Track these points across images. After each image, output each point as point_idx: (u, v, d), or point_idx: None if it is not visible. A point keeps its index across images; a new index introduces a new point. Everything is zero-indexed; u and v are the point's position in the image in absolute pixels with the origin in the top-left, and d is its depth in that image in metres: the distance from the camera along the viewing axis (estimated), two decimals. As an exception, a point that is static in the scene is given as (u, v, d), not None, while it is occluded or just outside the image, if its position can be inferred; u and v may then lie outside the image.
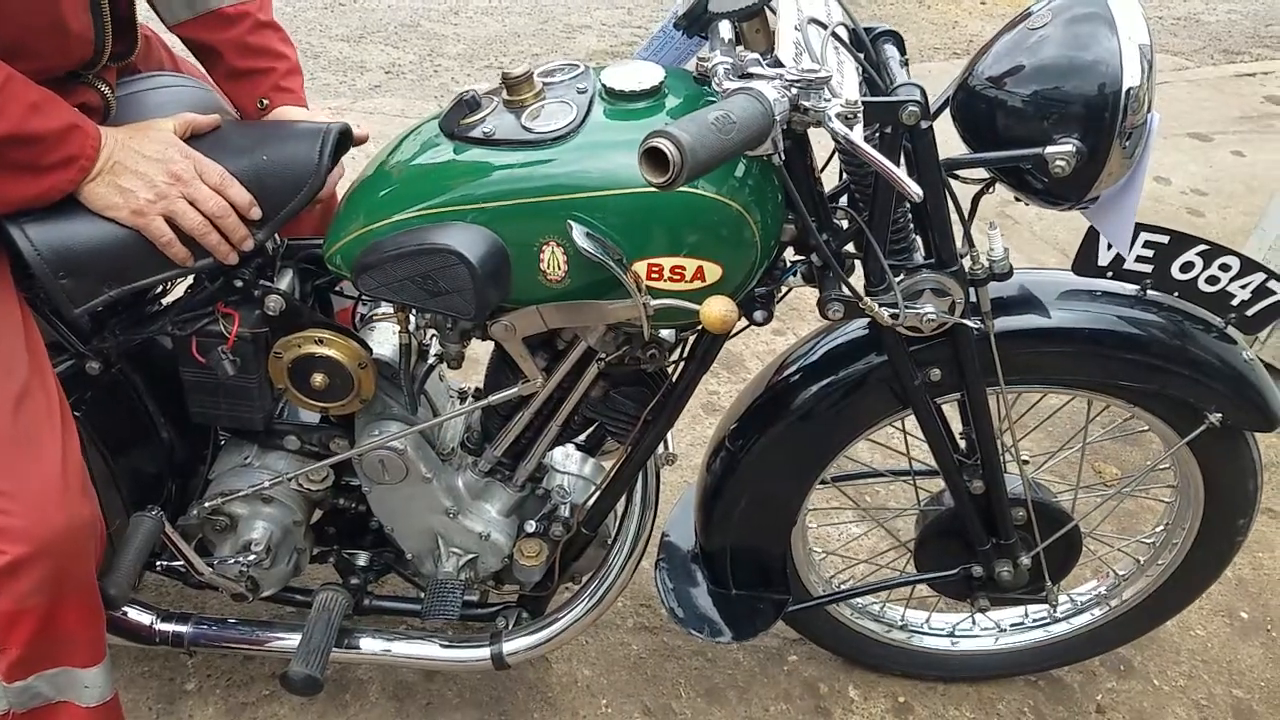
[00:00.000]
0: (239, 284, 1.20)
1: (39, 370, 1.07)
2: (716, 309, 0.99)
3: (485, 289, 1.05)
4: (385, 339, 1.34)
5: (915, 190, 0.83)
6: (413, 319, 1.24)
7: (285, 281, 1.23)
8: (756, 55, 0.96)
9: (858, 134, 0.86)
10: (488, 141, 1.07)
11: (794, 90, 0.85)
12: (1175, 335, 1.22)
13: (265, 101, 1.31)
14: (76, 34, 1.10)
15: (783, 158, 0.95)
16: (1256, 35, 4.74)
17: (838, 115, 0.85)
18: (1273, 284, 1.15)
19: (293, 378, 1.23)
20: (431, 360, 1.34)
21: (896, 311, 1.07)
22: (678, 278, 1.06)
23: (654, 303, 1.06)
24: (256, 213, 1.13)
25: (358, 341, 1.24)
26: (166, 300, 1.29)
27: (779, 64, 0.92)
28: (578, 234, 1.03)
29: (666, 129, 0.76)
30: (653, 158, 0.77)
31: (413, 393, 1.29)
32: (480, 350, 1.25)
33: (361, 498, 1.39)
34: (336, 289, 1.34)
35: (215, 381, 1.23)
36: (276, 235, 1.23)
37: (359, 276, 1.10)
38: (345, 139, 1.21)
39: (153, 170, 1.08)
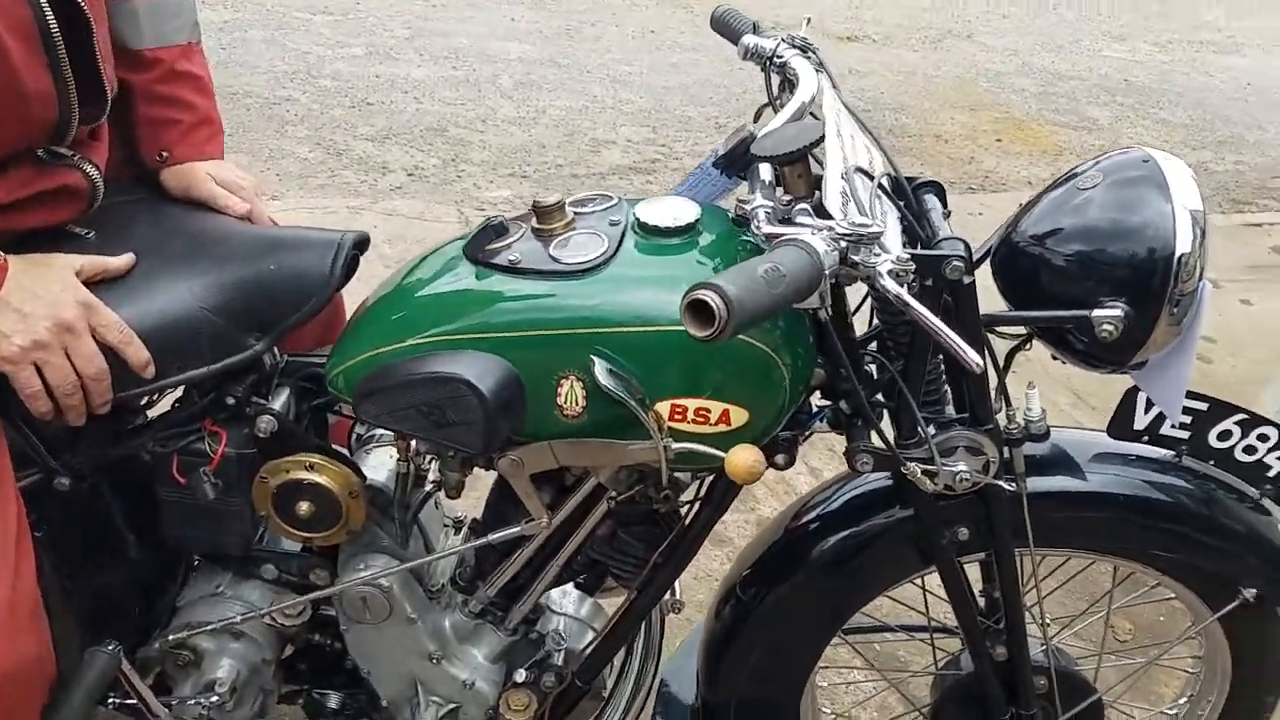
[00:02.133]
0: (231, 401, 1.13)
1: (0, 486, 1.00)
2: (743, 459, 0.93)
3: (495, 422, 0.99)
4: (382, 463, 1.26)
5: (976, 360, 0.78)
6: (413, 448, 1.18)
7: (280, 400, 1.16)
8: (805, 206, 0.93)
9: (908, 293, 0.82)
10: (512, 269, 1.03)
11: (844, 243, 0.82)
12: (1211, 506, 1.18)
13: (165, 154, 1.24)
14: (36, 94, 1.03)
15: (829, 313, 0.91)
16: (1264, 187, 4.82)
17: (889, 273, 0.81)
18: (1312, 456, 1.10)
19: (277, 504, 1.15)
20: (429, 488, 1.27)
21: (934, 471, 1.01)
22: (702, 420, 1.01)
23: (675, 446, 1.01)
24: (151, 372, 1.05)
25: (351, 467, 1.16)
26: (151, 413, 1.23)
27: (825, 213, 0.89)
28: (600, 370, 0.98)
29: (713, 280, 0.73)
30: (697, 310, 0.73)
31: (405, 525, 1.22)
32: (482, 473, 1.19)
33: (338, 635, 1.28)
34: (335, 408, 1.28)
35: (194, 504, 1.14)
36: (275, 349, 1.17)
37: (361, 402, 1.04)
38: (361, 249, 1.17)
39: (39, 313, 0.98)
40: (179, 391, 1.15)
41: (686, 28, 6.19)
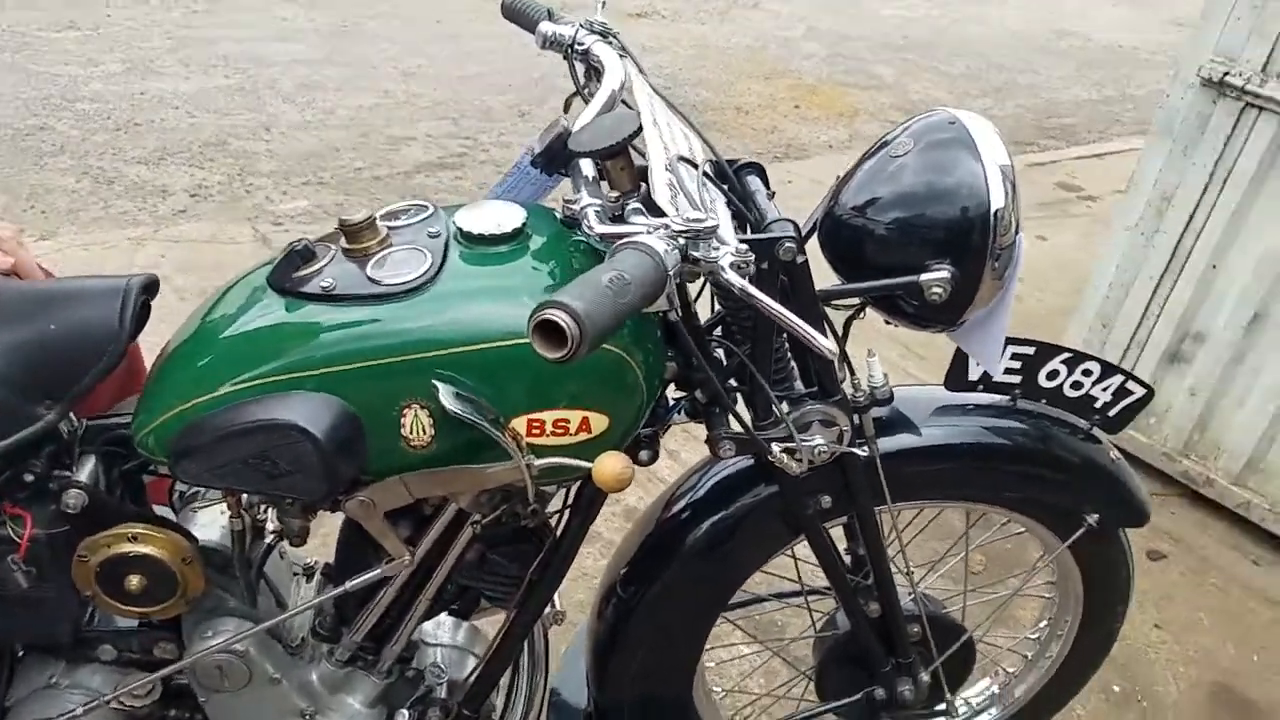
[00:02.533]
0: (29, 478, 1.01)
1: None
2: (610, 468, 0.90)
3: (335, 464, 0.92)
4: (213, 519, 1.16)
5: (830, 348, 0.78)
6: (245, 500, 1.08)
7: (86, 470, 1.04)
8: (638, 205, 0.91)
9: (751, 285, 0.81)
10: (328, 297, 0.96)
11: (682, 240, 0.79)
12: (1048, 442, 1.24)
13: None
14: None
15: (679, 314, 0.88)
16: (1041, 127, 5.24)
17: (731, 265, 0.80)
18: (1131, 385, 1.19)
19: (103, 583, 1.04)
20: (269, 539, 1.17)
21: (795, 450, 1.02)
22: (562, 431, 0.98)
23: (538, 462, 0.97)
24: None
25: (180, 532, 1.06)
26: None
27: (656, 209, 0.86)
28: (445, 395, 0.93)
29: (558, 299, 0.68)
30: (547, 331, 0.69)
31: (251, 583, 1.12)
32: (326, 513, 1.11)
33: (195, 705, 1.18)
34: (150, 469, 1.16)
35: (6, 594, 1.02)
36: (72, 415, 1.05)
37: (178, 462, 0.95)
38: (150, 293, 1.06)
39: None
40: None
41: (475, 15, 6.05)
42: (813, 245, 1.07)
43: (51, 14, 5.37)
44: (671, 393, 1.13)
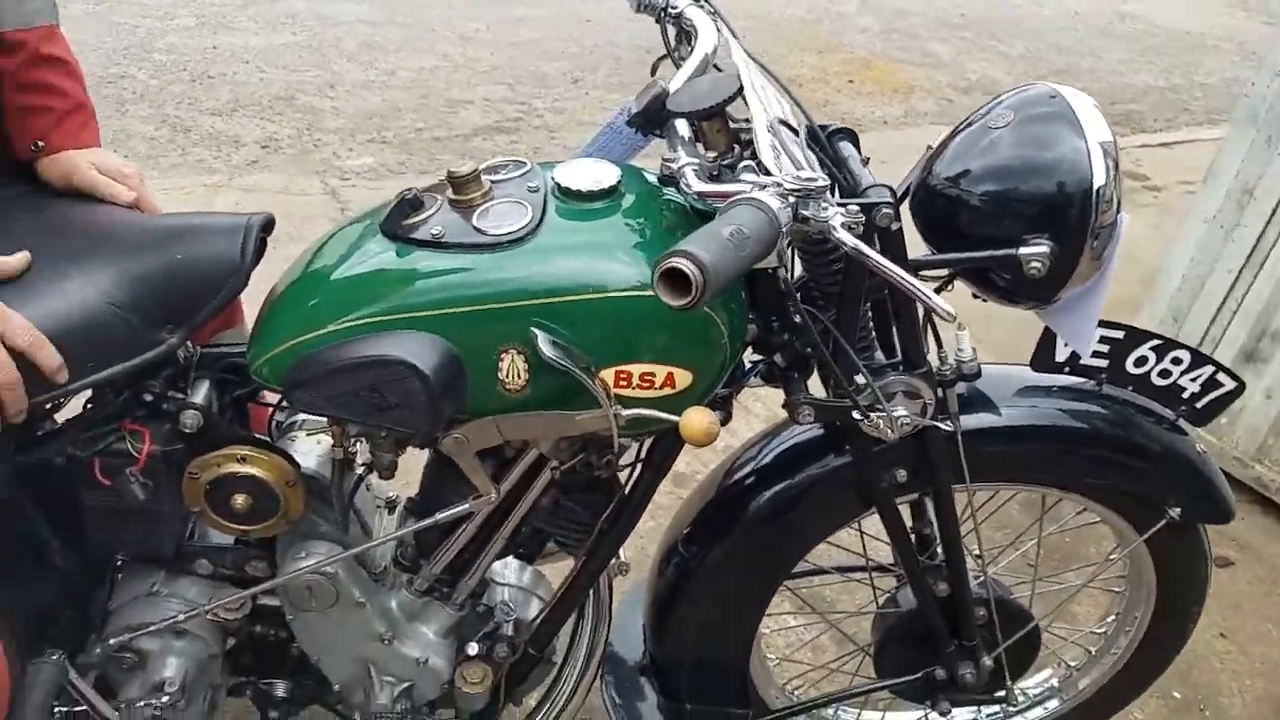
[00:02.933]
0: (148, 398, 1.07)
1: None
2: (698, 421, 0.93)
3: (439, 402, 0.97)
4: (310, 449, 1.22)
5: (948, 308, 0.80)
6: (346, 431, 1.13)
7: (201, 394, 1.10)
8: (749, 163, 0.93)
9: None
10: (436, 244, 1.00)
11: (793, 199, 0.82)
12: (1132, 430, 1.22)
13: (40, 144, 1.17)
14: None
15: (787, 269, 0.91)
16: (1107, 113, 5.14)
17: (843, 224, 0.82)
18: (1221, 376, 1.17)
19: (211, 500, 1.10)
20: (360, 471, 1.23)
21: (885, 416, 1.03)
22: (647, 385, 1.01)
23: (625, 413, 1.00)
24: (64, 376, 0.99)
25: (283, 456, 1.12)
26: (61, 417, 1.14)
27: (764, 169, 0.89)
28: (543, 342, 0.97)
29: (685, 248, 0.71)
30: (672, 279, 0.72)
31: (344, 510, 1.18)
32: (411, 451, 1.15)
33: (281, 623, 1.25)
34: (257, 398, 1.21)
35: (120, 505, 1.09)
36: (189, 342, 1.10)
37: (293, 391, 1.00)
38: (267, 230, 1.11)
39: None
40: (88, 393, 1.07)
41: (529, -19, 6.04)
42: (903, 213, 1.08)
43: (128, -32, 5.46)
44: (750, 356, 1.15)
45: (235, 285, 1.05)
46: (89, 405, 1.11)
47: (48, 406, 1.09)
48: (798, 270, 1.15)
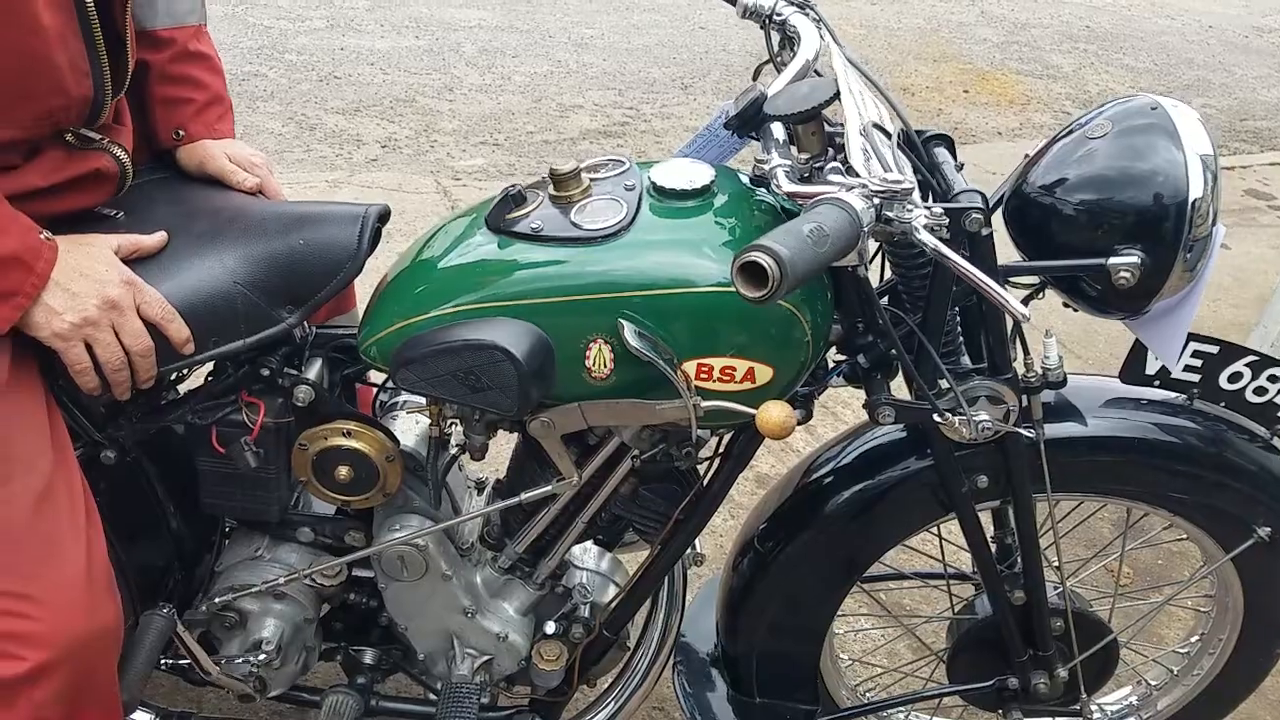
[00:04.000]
0: (265, 373, 1.15)
1: (64, 465, 1.01)
2: (776, 415, 0.95)
3: (529, 386, 1.02)
4: (408, 428, 1.29)
5: (1022, 312, 0.81)
6: (443, 410, 1.20)
7: (314, 371, 1.18)
8: (836, 164, 0.95)
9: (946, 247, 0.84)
10: (535, 237, 1.05)
11: (878, 200, 0.84)
12: (1223, 447, 1.20)
13: (180, 133, 1.25)
14: (72, 69, 1.03)
15: (866, 269, 0.93)
16: (1233, 129, 4.90)
17: (925, 226, 0.84)
18: (1321, 396, 1.14)
19: (316, 470, 1.18)
20: (454, 451, 1.29)
21: (965, 422, 1.04)
22: (727, 378, 1.04)
23: (705, 404, 1.03)
24: (190, 348, 1.07)
25: (385, 433, 1.19)
26: (184, 387, 1.24)
27: (852, 170, 0.91)
28: (629, 333, 1.01)
29: (764, 242, 0.74)
30: (750, 272, 0.75)
31: (437, 486, 1.24)
32: (500, 435, 1.21)
33: (373, 592, 1.33)
34: (363, 378, 1.29)
35: (233, 472, 1.17)
36: (305, 322, 1.18)
37: (398, 371, 1.06)
38: (383, 221, 1.18)
39: (87, 292, 1.00)
40: (209, 365, 1.16)
41: (644, -11, 6.12)
42: (996, 221, 1.08)
43: (267, -29, 5.78)
44: (833, 355, 1.17)
45: (352, 270, 1.12)
46: (209, 377, 1.20)
47: (172, 377, 1.19)
48: (887, 273, 1.17)
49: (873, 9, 6.18)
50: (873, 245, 1.07)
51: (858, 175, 0.89)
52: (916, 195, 0.86)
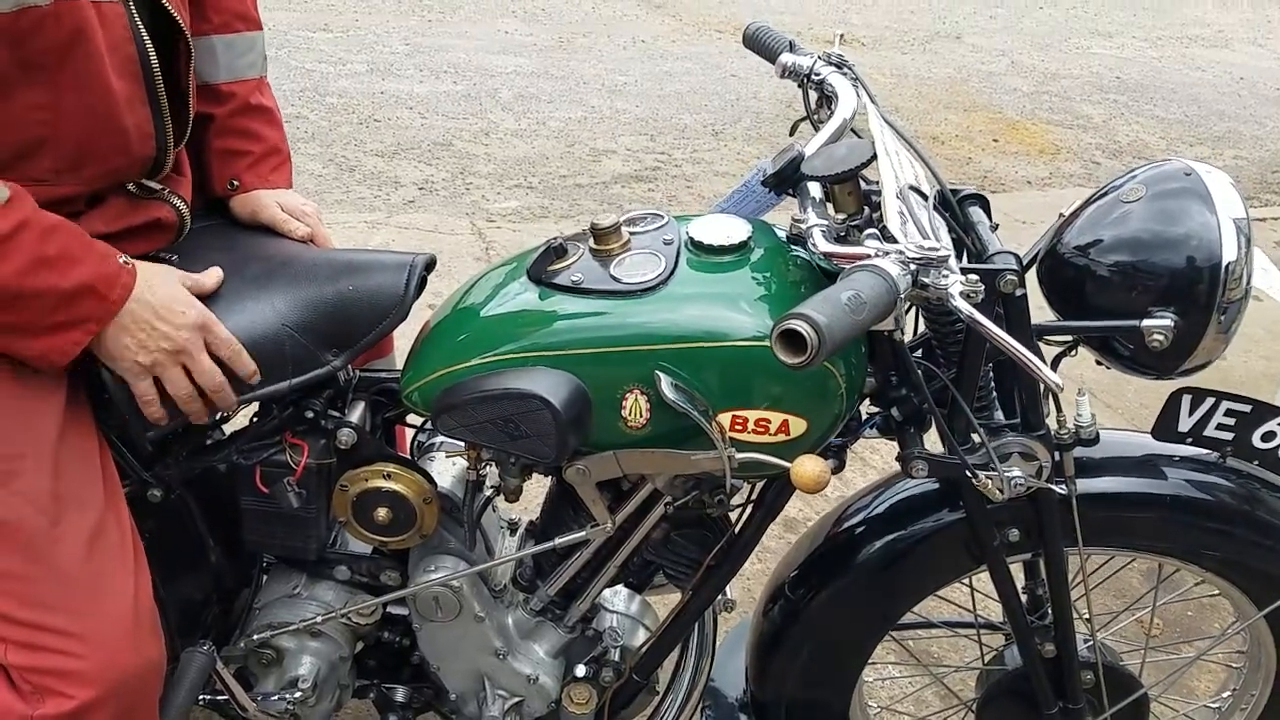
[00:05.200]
0: (310, 414, 1.19)
1: (114, 504, 1.05)
2: (810, 470, 0.97)
3: (567, 434, 1.04)
4: (445, 470, 1.31)
5: (1056, 381, 0.83)
6: (481, 455, 1.22)
7: (357, 414, 1.21)
8: (874, 230, 0.97)
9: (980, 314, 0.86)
10: (575, 289, 1.08)
11: (914, 267, 0.86)
12: (1256, 505, 1.21)
13: (235, 183, 1.28)
14: (137, 131, 1.07)
15: (903, 334, 0.95)
16: (1264, 181, 4.89)
17: (961, 294, 0.86)
18: (1354, 456, 1.14)
19: (356, 511, 1.20)
20: (489, 493, 1.31)
21: (997, 478, 1.05)
22: (762, 430, 1.06)
23: (739, 456, 1.05)
24: (257, 380, 1.10)
25: (423, 475, 1.21)
26: (229, 427, 1.27)
27: (888, 235, 0.93)
28: (665, 385, 1.03)
29: (803, 310, 0.76)
30: (789, 339, 0.77)
31: (472, 528, 1.26)
32: (534, 478, 1.23)
33: (406, 631, 1.34)
34: (403, 419, 1.32)
35: (275, 511, 1.20)
36: (349, 366, 1.22)
37: (439, 417, 1.09)
38: (429, 269, 1.22)
39: (162, 330, 1.02)
40: (255, 406, 1.19)
41: (677, 36, 6.25)
42: (1029, 278, 1.10)
43: (308, 16, 5.96)
44: (867, 407, 1.19)
45: (398, 317, 1.16)
46: (255, 418, 1.23)
47: (219, 416, 1.23)
48: (921, 326, 1.18)
49: (904, 58, 6.26)
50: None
51: (894, 240, 0.91)
52: (953, 261, 0.88)
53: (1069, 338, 1.11)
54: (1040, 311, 1.10)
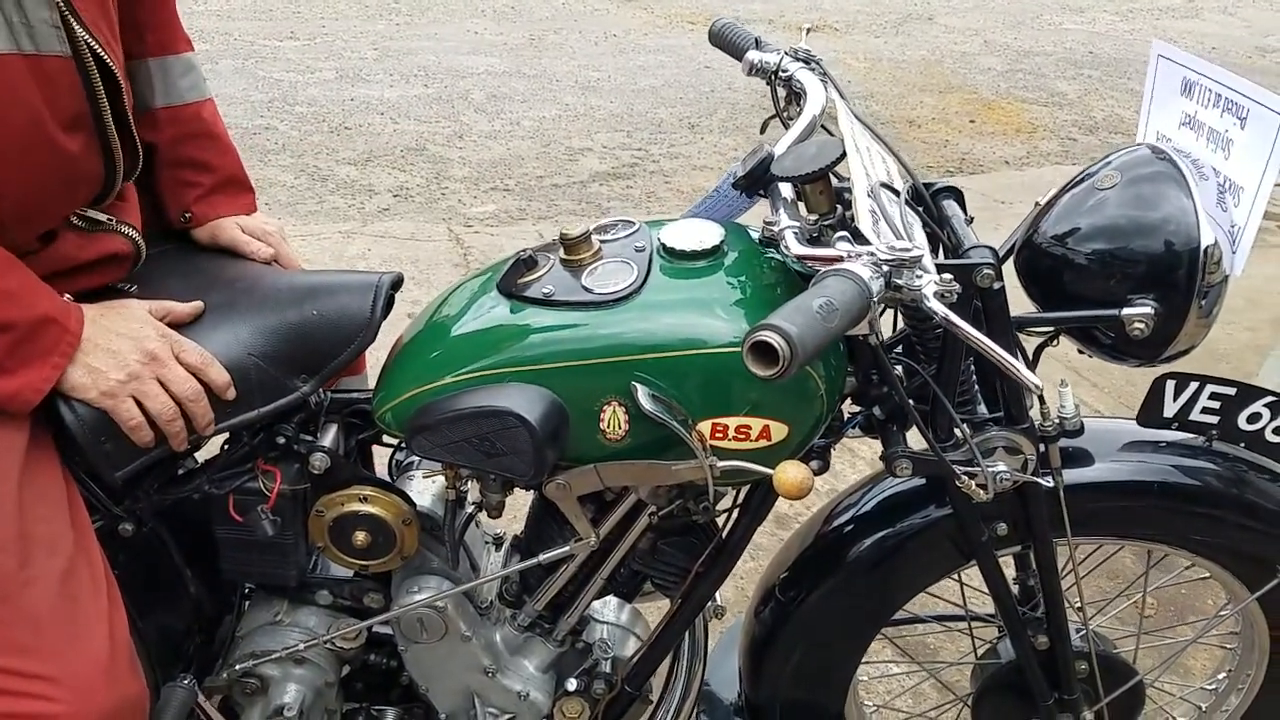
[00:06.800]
0: (281, 440, 1.16)
1: (84, 544, 1.02)
2: (793, 476, 0.95)
3: (544, 450, 1.02)
4: (424, 489, 1.29)
5: (1035, 381, 0.81)
6: (459, 473, 1.20)
7: (329, 437, 1.19)
8: (844, 233, 0.96)
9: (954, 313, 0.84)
10: (547, 302, 1.06)
11: (886, 269, 0.84)
12: (1244, 487, 1.20)
13: (188, 215, 1.25)
14: (87, 177, 1.05)
15: (879, 338, 0.93)
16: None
17: (935, 294, 0.84)
18: (1341, 434, 1.13)
19: (333, 536, 1.18)
20: (470, 509, 1.29)
21: (976, 475, 1.03)
22: (743, 437, 1.04)
23: (720, 464, 1.03)
24: (232, 394, 1.08)
25: (401, 496, 1.19)
26: (201, 457, 1.24)
27: (860, 236, 0.91)
28: (642, 395, 1.01)
29: (773, 321, 0.75)
30: (760, 351, 0.75)
31: (454, 547, 1.24)
32: (517, 491, 1.21)
33: (393, 652, 1.32)
34: (379, 440, 1.30)
35: (251, 539, 1.17)
36: (320, 389, 1.19)
37: (413, 438, 1.07)
38: (396, 288, 1.19)
39: (126, 348, 1.01)
40: (225, 435, 1.17)
41: (649, 30, 6.22)
42: (1007, 269, 1.09)
43: (276, 24, 5.90)
44: (849, 407, 1.17)
45: (365, 340, 1.13)
46: (225, 446, 1.20)
47: (187, 447, 1.20)
48: (901, 323, 1.17)
49: (877, 42, 6.25)
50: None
51: (866, 242, 0.89)
52: (927, 260, 0.86)
53: (1049, 328, 1.09)
54: (1020, 304, 1.09)
